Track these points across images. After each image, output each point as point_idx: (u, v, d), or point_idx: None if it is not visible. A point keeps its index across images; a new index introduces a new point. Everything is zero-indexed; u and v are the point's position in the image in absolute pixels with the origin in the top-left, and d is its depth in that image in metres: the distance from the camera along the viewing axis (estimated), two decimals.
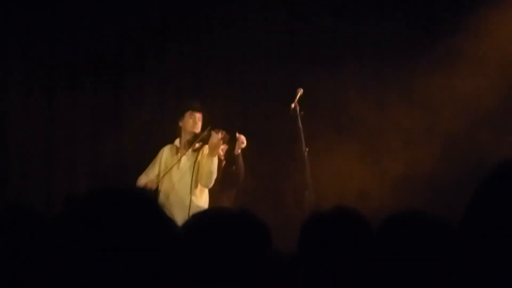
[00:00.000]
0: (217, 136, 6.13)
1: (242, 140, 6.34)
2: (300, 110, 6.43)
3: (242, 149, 6.38)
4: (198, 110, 6.39)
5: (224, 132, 6.16)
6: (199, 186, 6.32)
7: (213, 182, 6.27)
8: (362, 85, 7.71)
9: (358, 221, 2.21)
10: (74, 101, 7.74)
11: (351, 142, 7.56)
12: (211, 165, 6.19)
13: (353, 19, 7.79)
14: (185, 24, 7.80)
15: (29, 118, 7.69)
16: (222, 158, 6.34)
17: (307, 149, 6.41)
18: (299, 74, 7.68)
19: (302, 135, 6.40)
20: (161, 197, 6.29)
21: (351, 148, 7.53)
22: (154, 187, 6.31)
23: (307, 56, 7.84)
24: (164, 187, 6.34)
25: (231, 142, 6.28)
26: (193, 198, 6.25)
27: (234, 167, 6.43)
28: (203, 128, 6.33)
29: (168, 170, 6.27)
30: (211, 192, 6.39)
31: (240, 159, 6.42)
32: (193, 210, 5.98)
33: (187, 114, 6.37)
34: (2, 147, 7.63)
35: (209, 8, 7.82)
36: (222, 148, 6.30)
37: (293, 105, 6.45)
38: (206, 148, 6.33)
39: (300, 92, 6.54)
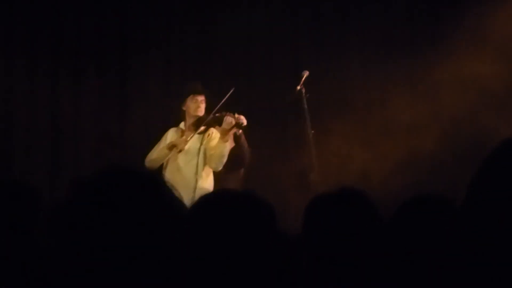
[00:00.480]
0: (230, 120, 6.14)
1: (242, 120, 6.34)
2: (305, 93, 6.44)
3: (246, 131, 6.37)
4: (199, 93, 6.40)
5: (236, 115, 6.17)
6: (205, 168, 6.34)
7: (223, 164, 6.29)
8: (366, 68, 7.70)
9: (362, 202, 2.22)
10: (79, 84, 7.74)
11: (354, 124, 7.57)
12: (223, 149, 6.21)
13: (357, 2, 7.78)
14: (189, 7, 7.78)
15: (34, 102, 7.69)
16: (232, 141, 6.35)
17: (312, 131, 6.43)
18: (304, 56, 7.68)
19: (308, 118, 6.41)
20: (167, 179, 6.30)
21: (354, 130, 7.54)
22: (158, 165, 6.34)
23: (312, 39, 7.82)
24: (169, 168, 6.37)
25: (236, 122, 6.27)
26: (199, 180, 6.28)
27: (237, 150, 6.43)
28: (206, 110, 6.35)
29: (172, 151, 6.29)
30: (217, 174, 6.41)
31: (243, 138, 6.42)
32: (199, 192, 6.03)
33: (189, 98, 6.38)
34: (8, 130, 7.65)
35: None
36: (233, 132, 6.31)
37: (298, 87, 6.46)
38: (211, 131, 6.34)
39: (306, 74, 6.55)
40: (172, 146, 6.32)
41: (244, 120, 6.29)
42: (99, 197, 1.55)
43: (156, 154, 6.40)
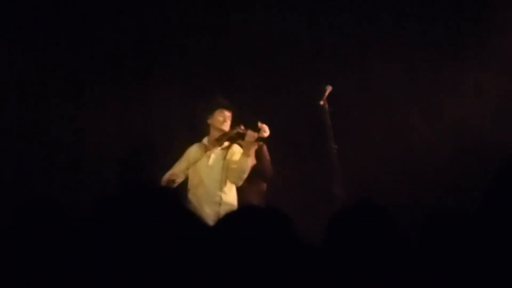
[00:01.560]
0: (253, 135, 6.14)
1: (265, 129, 6.33)
2: (328, 107, 6.45)
3: (269, 144, 6.37)
4: (227, 108, 6.41)
5: (259, 124, 6.21)
6: (228, 183, 6.36)
7: (243, 180, 6.30)
8: (389, 82, 7.69)
9: (385, 216, 2.22)
10: (102, 93, 7.78)
11: (379, 137, 7.56)
12: (245, 164, 6.22)
13: (379, 15, 7.77)
14: (211, 21, 7.81)
15: (57, 109, 7.73)
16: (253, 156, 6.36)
17: (335, 146, 6.42)
18: (327, 71, 7.68)
19: (331, 132, 6.41)
20: (191, 194, 6.35)
21: (379, 143, 7.53)
22: (178, 180, 6.35)
23: (335, 53, 7.83)
24: (193, 183, 6.38)
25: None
26: (222, 195, 6.29)
27: (259, 163, 6.44)
28: (232, 126, 6.37)
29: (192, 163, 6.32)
30: (240, 188, 6.42)
31: (265, 150, 6.43)
32: (224, 207, 6.05)
33: (217, 112, 6.39)
34: (30, 136, 7.69)
35: (235, 4, 7.85)
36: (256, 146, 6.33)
37: (321, 102, 6.47)
38: (234, 146, 6.36)
39: (329, 89, 6.56)
40: (170, 181, 6.28)
41: (266, 129, 6.30)
42: (121, 214, 1.56)
43: (169, 176, 6.36)
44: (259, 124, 6.30)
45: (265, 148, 6.42)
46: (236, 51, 7.83)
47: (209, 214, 5.88)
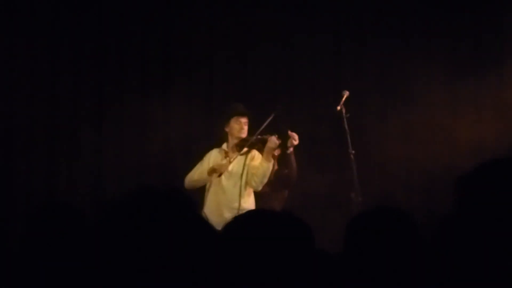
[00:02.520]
0: (274, 141, 6.17)
1: (295, 137, 6.35)
2: (345, 113, 6.46)
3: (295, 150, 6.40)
4: (243, 115, 6.43)
5: (289, 132, 6.23)
6: (247, 188, 6.39)
7: (263, 185, 6.33)
8: (408, 87, 7.70)
9: (404, 221, 2.24)
10: (122, 101, 7.83)
11: (398, 143, 7.57)
12: (266, 169, 6.24)
13: (397, 25, 7.79)
14: (231, 30, 7.84)
15: (76, 118, 7.80)
16: (275, 161, 6.37)
17: (353, 151, 6.43)
18: (345, 76, 7.70)
19: (348, 137, 6.42)
20: (210, 199, 6.38)
21: (398, 148, 7.53)
22: (197, 187, 6.40)
23: (353, 59, 7.85)
24: (213, 190, 6.41)
25: (283, 141, 6.30)
26: (241, 200, 6.32)
27: (286, 170, 6.48)
28: (249, 132, 6.39)
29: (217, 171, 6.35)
30: (261, 194, 6.44)
31: (293, 158, 6.45)
32: (242, 212, 6.04)
33: (233, 120, 6.41)
34: (51, 145, 7.76)
35: (255, 16, 7.87)
36: (276, 153, 6.36)
37: (339, 107, 6.48)
38: (254, 152, 6.39)
39: (346, 94, 6.57)
40: (212, 171, 6.37)
41: (296, 137, 6.33)
42: (128, 218, 1.59)
43: (197, 176, 6.45)
44: (289, 132, 6.34)
45: (293, 156, 6.45)
46: (256, 59, 7.86)
47: (228, 219, 5.88)
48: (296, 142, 6.32)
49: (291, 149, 6.37)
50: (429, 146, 7.61)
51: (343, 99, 6.53)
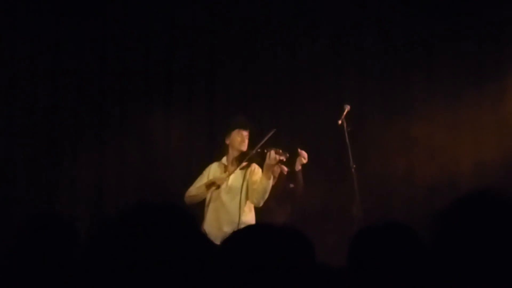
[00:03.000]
0: (274, 156, 6.14)
1: (304, 155, 6.37)
2: (347, 127, 6.45)
3: (304, 167, 6.41)
4: (245, 128, 6.42)
5: (281, 151, 6.16)
6: (247, 203, 6.37)
7: (264, 200, 6.31)
8: (410, 101, 7.71)
9: (407, 236, 2.22)
10: (124, 113, 7.82)
11: (399, 157, 7.56)
12: (266, 185, 6.19)
13: (400, 39, 7.81)
14: (233, 41, 7.86)
15: (77, 130, 7.78)
16: (276, 176, 6.35)
17: (354, 165, 6.42)
18: (346, 90, 7.70)
19: (350, 151, 6.41)
20: (210, 214, 6.36)
21: (399, 163, 7.52)
22: (197, 202, 6.38)
23: (354, 72, 7.85)
24: (212, 205, 6.39)
25: (291, 158, 6.29)
26: (242, 215, 6.29)
27: (292, 185, 6.48)
28: (249, 146, 6.38)
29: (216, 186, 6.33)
30: (266, 208, 6.41)
31: (300, 176, 6.45)
32: (242, 227, 6.01)
33: (235, 132, 6.39)
34: (51, 157, 7.75)
35: (258, 28, 7.89)
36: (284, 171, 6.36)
37: (340, 122, 6.48)
38: (254, 166, 6.37)
39: (347, 108, 6.56)
40: (210, 184, 6.35)
41: (305, 156, 6.35)
42: (126, 233, 1.57)
43: (195, 191, 6.41)
44: (299, 150, 6.34)
45: (301, 173, 6.45)
46: (258, 72, 7.86)
47: (228, 233, 5.85)
48: (305, 161, 6.36)
49: (300, 167, 6.39)
50: (431, 160, 7.60)
51: (345, 113, 6.53)
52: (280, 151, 6.14)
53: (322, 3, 7.83)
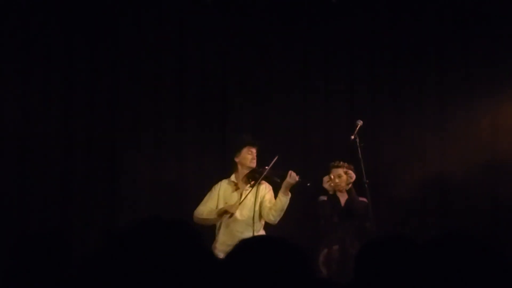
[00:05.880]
0: (294, 177, 6.22)
1: (352, 175, 6.52)
2: (360, 142, 6.48)
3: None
4: (254, 145, 6.47)
5: (346, 170, 6.45)
6: (260, 220, 6.42)
7: (280, 217, 6.36)
8: (422, 116, 7.73)
9: (413, 249, 2.25)
10: (136, 130, 7.84)
11: (410, 172, 7.58)
12: (285, 202, 6.28)
13: (412, 54, 7.84)
14: (243, 59, 7.89)
15: (91, 147, 7.83)
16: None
17: (367, 180, 6.44)
18: (359, 105, 7.73)
19: (363, 167, 6.43)
20: (223, 231, 6.39)
21: (410, 178, 7.54)
22: (211, 224, 6.43)
23: (366, 88, 7.88)
24: (225, 222, 6.43)
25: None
26: (255, 232, 6.33)
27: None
28: (258, 163, 6.43)
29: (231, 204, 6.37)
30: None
31: (354, 192, 6.55)
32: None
33: (244, 150, 6.44)
34: (64, 174, 7.77)
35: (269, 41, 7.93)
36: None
37: (353, 137, 6.50)
38: (265, 184, 6.42)
39: (360, 123, 6.59)
40: (223, 212, 6.38)
41: (353, 175, 6.49)
42: (133, 248, 1.60)
43: (206, 215, 6.40)
44: (346, 170, 6.51)
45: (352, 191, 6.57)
46: (268, 85, 7.90)
47: None
48: (352, 179, 6.51)
49: (350, 185, 6.51)
50: (441, 174, 7.62)
51: (357, 128, 6.54)
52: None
53: (333, 17, 7.86)
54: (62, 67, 7.76)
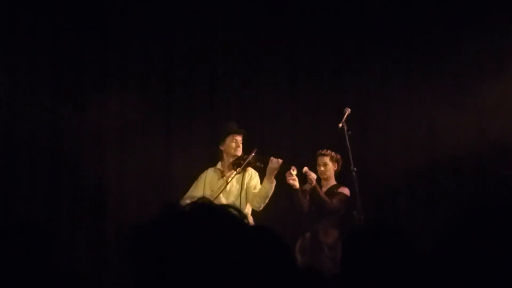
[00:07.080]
0: (276, 162, 6.21)
1: (313, 176, 6.52)
2: (347, 130, 6.46)
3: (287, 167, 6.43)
4: (239, 133, 6.47)
5: (309, 173, 6.44)
6: (247, 207, 6.40)
7: (265, 204, 6.35)
8: (410, 101, 7.72)
9: (400, 239, 2.22)
10: (125, 124, 7.84)
11: (398, 160, 7.56)
12: (269, 189, 6.28)
13: (402, 44, 7.82)
14: (233, 52, 7.86)
15: (79, 130, 7.81)
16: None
17: (355, 168, 6.42)
18: (346, 93, 7.71)
19: (350, 155, 6.41)
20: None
21: (397, 167, 7.52)
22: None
23: (355, 76, 7.86)
24: None
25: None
26: None
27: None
28: (244, 150, 6.42)
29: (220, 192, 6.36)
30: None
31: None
32: None
33: (229, 138, 6.45)
34: (55, 159, 7.75)
35: (258, 32, 7.90)
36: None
37: (340, 125, 6.48)
38: (249, 170, 6.41)
39: (348, 111, 6.57)
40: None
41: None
42: (188, 226, 1.56)
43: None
44: (309, 173, 6.47)
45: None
46: (256, 75, 7.88)
47: None
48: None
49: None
50: (431, 161, 7.61)
51: (345, 116, 6.53)
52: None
53: (322, 7, 7.84)
54: (51, 60, 7.78)
